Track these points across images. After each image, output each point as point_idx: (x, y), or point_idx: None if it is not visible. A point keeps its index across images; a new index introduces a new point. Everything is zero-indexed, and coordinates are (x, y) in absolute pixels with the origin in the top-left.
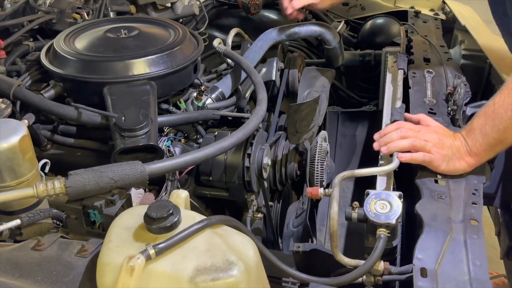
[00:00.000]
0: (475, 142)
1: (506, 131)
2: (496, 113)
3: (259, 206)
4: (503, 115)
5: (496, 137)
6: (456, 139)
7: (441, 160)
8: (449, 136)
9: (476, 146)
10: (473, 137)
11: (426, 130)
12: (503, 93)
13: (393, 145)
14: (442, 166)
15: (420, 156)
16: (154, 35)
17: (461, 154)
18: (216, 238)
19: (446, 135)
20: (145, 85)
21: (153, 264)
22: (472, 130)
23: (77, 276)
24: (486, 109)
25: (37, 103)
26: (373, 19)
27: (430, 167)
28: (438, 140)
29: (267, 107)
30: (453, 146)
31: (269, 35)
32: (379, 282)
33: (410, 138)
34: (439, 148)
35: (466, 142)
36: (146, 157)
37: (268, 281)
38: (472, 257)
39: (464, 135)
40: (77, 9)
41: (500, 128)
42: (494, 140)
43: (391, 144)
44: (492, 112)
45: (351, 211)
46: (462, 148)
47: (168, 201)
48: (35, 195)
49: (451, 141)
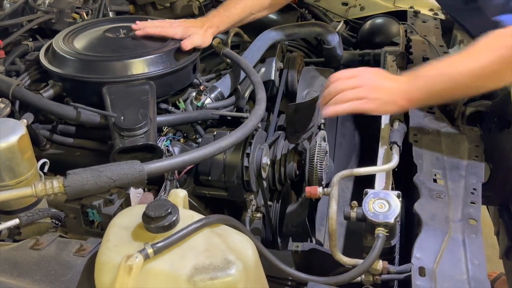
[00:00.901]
0: (415, 88)
1: (449, 90)
2: (447, 71)
3: (258, 206)
4: (452, 74)
5: (437, 92)
6: (396, 81)
7: (375, 104)
8: (388, 78)
9: (414, 92)
10: (415, 83)
11: (364, 73)
12: (461, 55)
13: (330, 110)
14: (374, 110)
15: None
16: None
17: (397, 97)
18: (215, 237)
19: (385, 77)
20: (144, 85)
21: (151, 263)
22: (417, 77)
23: (76, 275)
24: (439, 63)
25: (36, 102)
26: (372, 19)
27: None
28: (375, 83)
29: (266, 107)
30: (391, 88)
31: (268, 35)
32: (377, 282)
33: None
34: (374, 92)
35: (407, 85)
36: (145, 156)
37: (266, 281)
38: (471, 256)
39: (406, 79)
40: (77, 9)
41: (446, 85)
42: (434, 94)
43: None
44: (443, 68)
45: (349, 210)
46: (400, 90)
47: (166, 200)
48: (34, 194)
49: (390, 83)
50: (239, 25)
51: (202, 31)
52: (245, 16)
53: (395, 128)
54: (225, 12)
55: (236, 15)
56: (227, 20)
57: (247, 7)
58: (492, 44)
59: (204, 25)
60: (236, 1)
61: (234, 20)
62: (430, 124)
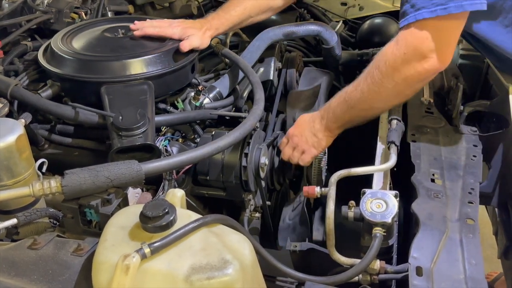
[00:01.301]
0: (329, 120)
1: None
2: (346, 100)
3: (257, 206)
4: (349, 104)
5: (344, 119)
6: (315, 123)
7: (313, 149)
8: (308, 125)
9: (330, 124)
10: (328, 116)
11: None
12: (354, 85)
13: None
14: (315, 152)
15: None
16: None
17: (320, 134)
18: (212, 237)
19: (306, 126)
20: (143, 84)
21: (148, 262)
22: (328, 111)
23: (73, 275)
24: (341, 94)
25: (34, 102)
26: (371, 19)
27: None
28: (302, 137)
29: (264, 107)
30: (314, 131)
31: (266, 34)
32: (375, 281)
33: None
34: (305, 143)
35: (322, 121)
36: (143, 156)
37: (264, 280)
38: (468, 256)
39: (321, 115)
40: (75, 8)
41: (347, 113)
42: (343, 121)
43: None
44: (343, 99)
45: (347, 210)
46: (320, 127)
47: (164, 200)
48: (32, 194)
49: (311, 127)
50: (238, 28)
51: (200, 32)
52: (244, 19)
53: (393, 127)
54: (224, 15)
55: (235, 17)
56: (226, 22)
57: (246, 10)
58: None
59: (203, 27)
60: (235, 4)
61: (233, 22)
62: (428, 124)
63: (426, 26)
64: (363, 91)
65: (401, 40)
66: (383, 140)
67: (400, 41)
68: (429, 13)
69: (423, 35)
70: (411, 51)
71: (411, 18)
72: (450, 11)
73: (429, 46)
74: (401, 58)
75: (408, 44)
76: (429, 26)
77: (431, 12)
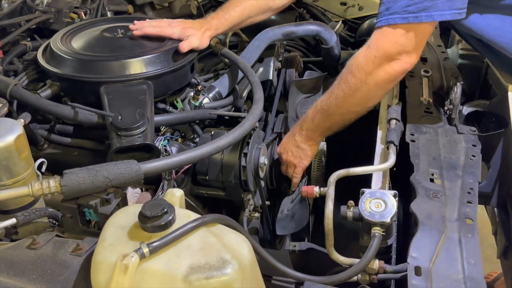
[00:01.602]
0: (309, 130)
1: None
2: (323, 109)
3: (256, 206)
4: (327, 111)
5: (324, 126)
6: (296, 136)
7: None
8: (290, 140)
9: (310, 133)
10: (307, 126)
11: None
12: (328, 93)
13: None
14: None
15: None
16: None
17: (304, 145)
18: (211, 236)
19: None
20: (142, 84)
21: (147, 262)
22: (307, 121)
23: (72, 274)
24: (316, 104)
25: (33, 102)
26: (370, 19)
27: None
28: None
29: (264, 107)
30: (297, 144)
31: (266, 34)
32: (374, 281)
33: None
34: (293, 157)
35: (302, 132)
36: (142, 156)
37: (263, 280)
38: (467, 256)
39: (300, 127)
40: (75, 8)
41: (326, 121)
42: (323, 129)
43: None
44: (320, 108)
45: (346, 210)
46: (301, 138)
47: (162, 199)
48: (30, 194)
49: (294, 141)
50: (238, 28)
51: (200, 33)
52: (244, 19)
53: (392, 127)
54: (223, 15)
55: (234, 17)
56: (226, 22)
57: (245, 10)
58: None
59: (202, 27)
60: (234, 4)
61: (232, 22)
62: (428, 124)
63: (397, 30)
64: (338, 97)
65: (372, 44)
66: (382, 140)
67: (371, 45)
68: (401, 19)
69: (393, 39)
70: (381, 53)
71: (384, 22)
72: (420, 20)
73: (398, 49)
74: (372, 61)
75: (378, 47)
76: (399, 31)
77: (403, 19)
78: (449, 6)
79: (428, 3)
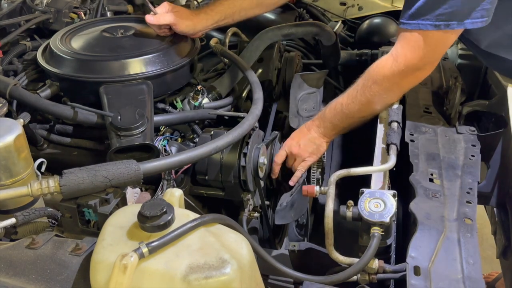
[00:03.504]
0: (327, 129)
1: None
2: (343, 112)
3: (256, 206)
4: (348, 114)
5: (342, 126)
6: (311, 131)
7: (311, 156)
8: (305, 134)
9: (327, 131)
10: (325, 125)
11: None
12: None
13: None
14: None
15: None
16: (150, 34)
17: (318, 141)
18: (210, 236)
19: (303, 136)
20: (141, 84)
21: (146, 262)
22: (324, 120)
23: (71, 274)
24: (336, 105)
25: (33, 102)
26: (370, 19)
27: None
28: (300, 147)
29: (263, 107)
30: (311, 139)
31: (265, 34)
32: (373, 281)
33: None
34: (304, 151)
35: (319, 129)
36: (142, 156)
37: (262, 279)
38: (466, 256)
39: (317, 124)
40: (74, 8)
41: (345, 122)
42: (341, 128)
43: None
44: (340, 110)
45: (345, 209)
46: (317, 135)
47: (162, 199)
48: (30, 193)
49: (308, 136)
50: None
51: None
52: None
53: (393, 129)
54: (214, 2)
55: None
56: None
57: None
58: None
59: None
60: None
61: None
62: (427, 124)
63: (426, 38)
64: (362, 103)
65: (400, 58)
66: (382, 140)
67: (399, 59)
68: (433, 27)
69: (421, 53)
70: (409, 68)
71: (415, 26)
72: (452, 27)
73: (425, 62)
74: (399, 73)
75: (407, 61)
76: (429, 38)
77: (435, 27)
78: (481, 14)
79: (460, 10)
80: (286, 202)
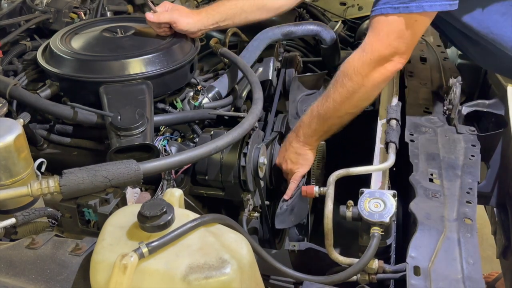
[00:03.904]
0: (307, 136)
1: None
2: (320, 113)
3: (256, 206)
4: (324, 116)
5: (323, 130)
6: (292, 144)
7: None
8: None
9: (307, 139)
10: (304, 132)
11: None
12: (323, 98)
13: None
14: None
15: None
16: (150, 34)
17: (301, 151)
18: (210, 236)
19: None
20: (141, 84)
21: (146, 262)
22: (303, 127)
23: (71, 274)
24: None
25: (33, 102)
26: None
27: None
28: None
29: (263, 107)
30: (295, 151)
31: (265, 34)
32: (373, 281)
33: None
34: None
35: (299, 138)
36: (141, 156)
37: (262, 279)
38: (466, 256)
39: (296, 134)
40: (74, 8)
41: (324, 125)
42: (322, 132)
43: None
44: (316, 113)
45: (345, 209)
46: (299, 145)
47: (161, 199)
48: (30, 193)
49: (290, 149)
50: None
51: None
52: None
53: (392, 127)
54: (217, 3)
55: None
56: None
57: (239, 1)
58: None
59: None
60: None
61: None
62: (427, 124)
63: (390, 23)
64: (335, 100)
65: (367, 47)
66: (381, 139)
67: (366, 48)
68: (393, 10)
69: (385, 39)
70: (376, 56)
71: (377, 11)
72: (411, 10)
73: (391, 51)
74: (368, 64)
75: (373, 50)
76: (392, 24)
77: (394, 9)
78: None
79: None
80: (286, 206)
